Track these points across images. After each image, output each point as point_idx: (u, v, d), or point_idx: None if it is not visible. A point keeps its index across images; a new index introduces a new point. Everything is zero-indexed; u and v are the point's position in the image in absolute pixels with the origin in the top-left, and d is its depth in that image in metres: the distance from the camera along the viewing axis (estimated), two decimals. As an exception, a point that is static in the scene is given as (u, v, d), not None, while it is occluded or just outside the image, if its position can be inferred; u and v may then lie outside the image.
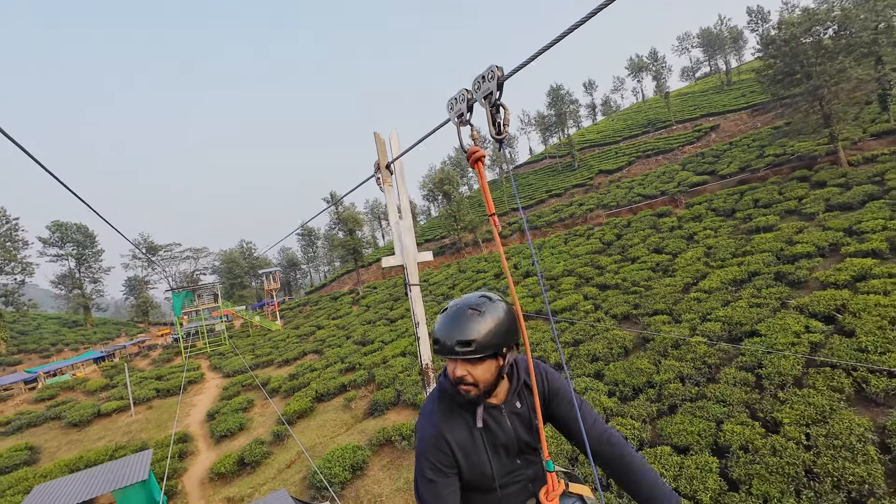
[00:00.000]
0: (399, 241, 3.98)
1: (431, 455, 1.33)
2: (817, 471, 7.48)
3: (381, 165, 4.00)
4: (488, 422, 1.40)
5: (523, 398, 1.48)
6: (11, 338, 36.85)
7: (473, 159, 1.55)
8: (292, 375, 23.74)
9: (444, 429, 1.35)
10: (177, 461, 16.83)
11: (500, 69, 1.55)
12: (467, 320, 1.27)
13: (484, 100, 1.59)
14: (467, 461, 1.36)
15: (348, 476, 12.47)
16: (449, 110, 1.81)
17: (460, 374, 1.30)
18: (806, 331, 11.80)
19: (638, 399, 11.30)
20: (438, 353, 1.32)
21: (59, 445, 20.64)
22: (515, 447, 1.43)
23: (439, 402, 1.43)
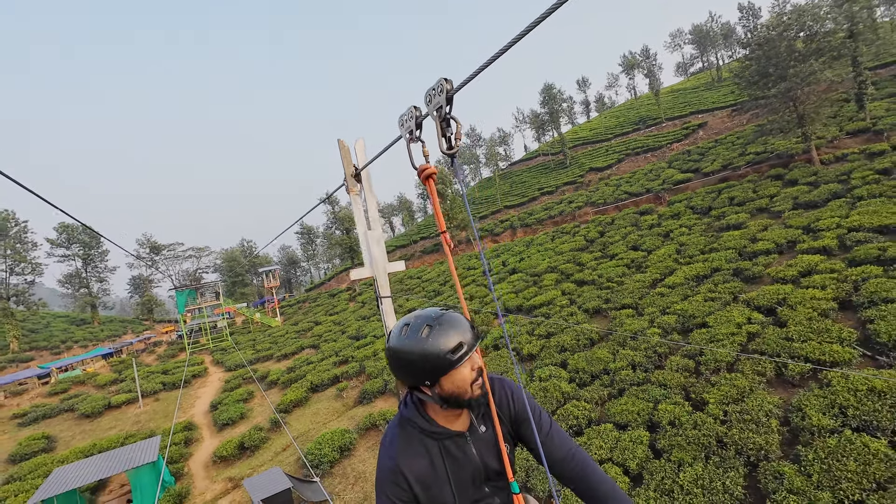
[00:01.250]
0: (368, 252, 3.88)
1: (389, 490, 1.30)
2: (726, 441, 8.77)
3: (346, 174, 3.93)
4: (452, 451, 1.36)
5: (488, 422, 1.42)
6: (23, 335, 38.41)
7: (424, 176, 1.56)
8: (290, 368, 25.15)
9: (401, 462, 1.31)
10: (183, 447, 18.26)
11: (449, 82, 1.52)
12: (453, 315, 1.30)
13: (435, 113, 1.57)
14: (427, 494, 1.32)
15: (337, 456, 13.84)
16: (400, 126, 1.80)
17: (480, 363, 1.31)
18: (747, 322, 13.05)
19: (593, 384, 12.60)
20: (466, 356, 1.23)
21: (73, 435, 22.10)
22: (482, 475, 1.39)
23: (400, 432, 1.38)
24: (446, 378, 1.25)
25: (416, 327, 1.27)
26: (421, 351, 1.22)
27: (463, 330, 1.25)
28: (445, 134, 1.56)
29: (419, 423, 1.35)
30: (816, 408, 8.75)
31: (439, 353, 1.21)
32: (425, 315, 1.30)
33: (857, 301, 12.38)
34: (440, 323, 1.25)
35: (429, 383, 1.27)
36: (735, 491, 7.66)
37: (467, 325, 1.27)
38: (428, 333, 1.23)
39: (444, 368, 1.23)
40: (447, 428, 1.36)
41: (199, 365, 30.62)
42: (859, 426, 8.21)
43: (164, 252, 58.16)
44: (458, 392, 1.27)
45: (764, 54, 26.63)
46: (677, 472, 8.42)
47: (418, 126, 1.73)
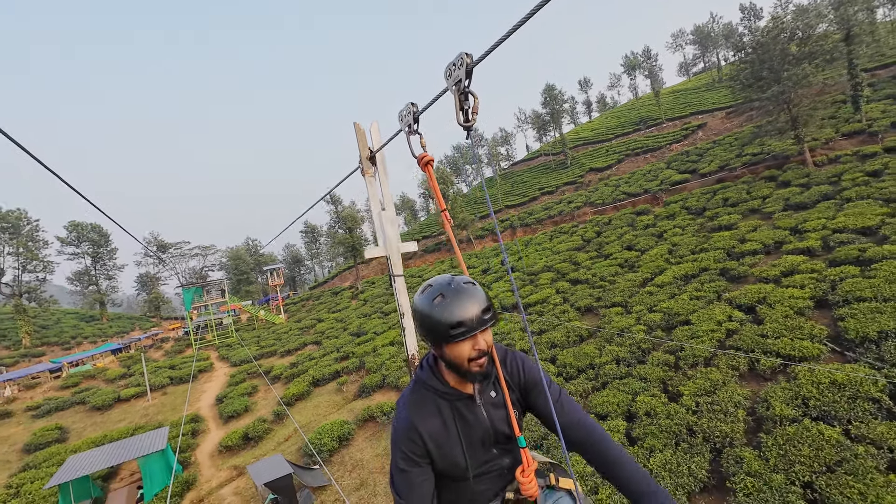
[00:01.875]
0: (382, 231, 3.99)
1: (404, 445, 1.36)
2: (696, 429, 9.38)
3: (362, 157, 4.04)
4: (464, 413, 1.41)
5: (498, 387, 1.47)
6: (35, 331, 39.50)
7: (423, 163, 1.69)
8: (293, 364, 25.92)
9: (416, 420, 1.37)
10: (190, 438, 19.05)
11: (469, 56, 1.56)
12: (477, 292, 1.30)
13: (454, 87, 1.61)
14: (440, 452, 1.38)
15: (336, 445, 14.56)
16: (400, 121, 1.94)
17: (483, 345, 1.31)
18: (728, 320, 13.63)
19: (579, 378, 13.22)
20: (464, 335, 1.25)
21: (85, 426, 22.98)
22: (492, 438, 1.44)
23: (413, 394, 1.44)
24: (447, 347, 1.30)
25: (433, 292, 1.31)
26: (428, 315, 1.28)
27: (471, 309, 1.26)
28: (463, 107, 1.59)
29: (433, 385, 1.42)
30: (781, 399, 9.35)
31: (440, 324, 1.25)
32: (446, 282, 1.32)
33: (832, 300, 12.93)
34: (453, 295, 1.28)
35: (430, 344, 1.35)
36: (699, 474, 8.29)
37: (478, 306, 1.27)
38: (439, 302, 1.27)
39: (443, 338, 1.27)
40: (459, 390, 1.42)
41: (205, 360, 31.49)
42: (818, 416, 8.80)
43: (171, 250, 59.26)
44: (455, 363, 1.32)
45: (758, 58, 27.06)
46: (648, 457, 9.04)
47: (416, 120, 1.89)
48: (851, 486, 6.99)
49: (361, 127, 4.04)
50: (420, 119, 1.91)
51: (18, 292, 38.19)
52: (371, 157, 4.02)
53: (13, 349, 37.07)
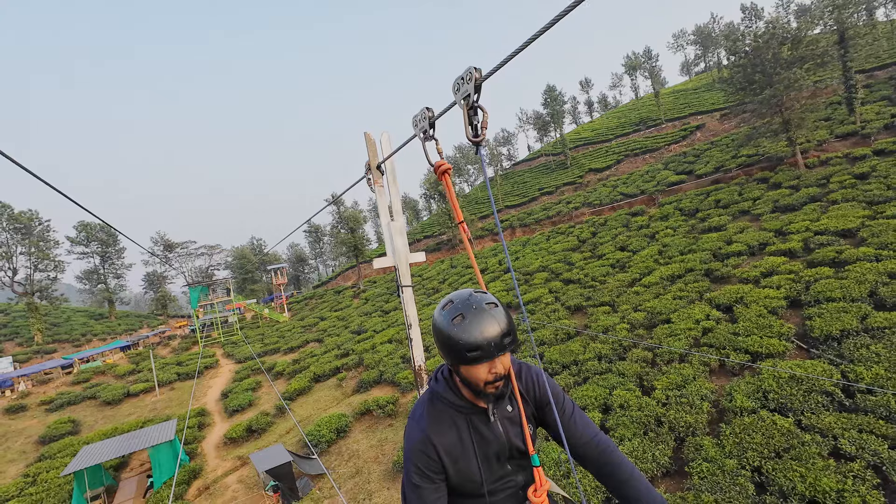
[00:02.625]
0: (391, 242, 3.96)
1: (418, 460, 1.34)
2: (663, 420, 10.09)
3: (371, 166, 4.03)
4: (479, 427, 1.39)
5: (513, 402, 1.45)
6: (46, 329, 40.70)
7: (440, 172, 1.64)
8: (295, 360, 26.80)
9: (432, 434, 1.35)
10: (196, 430, 19.96)
11: (478, 71, 1.52)
12: (498, 314, 1.27)
13: (462, 101, 1.57)
14: (455, 467, 1.36)
15: (334, 437, 15.39)
16: (414, 126, 1.85)
17: (501, 370, 1.29)
18: (706, 318, 14.30)
19: (563, 373, 13.94)
20: (481, 359, 1.22)
21: (96, 420, 23.96)
22: (507, 453, 1.42)
23: (429, 406, 1.42)
24: (463, 367, 1.28)
25: (453, 310, 1.28)
26: (447, 335, 1.26)
27: (490, 332, 1.22)
28: (472, 122, 1.56)
29: (448, 398, 1.39)
30: (743, 392, 10.04)
31: (458, 345, 1.23)
32: (467, 302, 1.29)
33: (804, 300, 13.57)
34: (473, 316, 1.24)
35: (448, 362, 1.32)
36: (662, 460, 9.01)
37: (498, 330, 1.24)
38: (458, 322, 1.25)
39: (460, 360, 1.25)
40: (475, 403, 1.39)
41: (210, 357, 32.45)
42: (776, 408, 9.49)
43: (178, 249, 60.39)
44: (471, 383, 1.31)
45: (750, 62, 27.55)
46: (618, 445, 9.76)
47: (431, 125, 1.80)
48: (795, 469, 7.69)
49: (372, 137, 4.03)
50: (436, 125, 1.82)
51: (30, 291, 39.37)
52: (380, 167, 4.02)
53: (26, 346, 38.24)
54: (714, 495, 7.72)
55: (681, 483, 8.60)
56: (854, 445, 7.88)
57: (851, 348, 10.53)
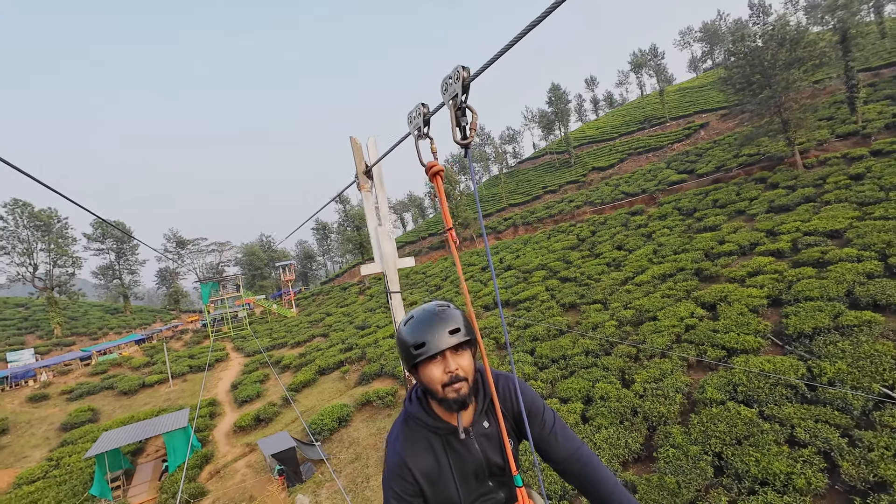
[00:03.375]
0: (378, 247, 3.92)
1: (395, 485, 1.34)
2: (639, 410, 10.80)
3: (358, 171, 4.00)
4: (455, 446, 1.38)
5: (491, 418, 1.42)
6: (65, 322, 42.28)
7: (432, 173, 1.56)
8: (301, 354, 27.83)
9: (407, 458, 1.34)
10: (208, 419, 21.04)
11: (466, 70, 1.48)
12: (444, 313, 1.29)
13: (450, 102, 1.53)
14: (433, 489, 1.35)
15: (336, 426, 16.31)
16: (409, 124, 1.79)
17: (454, 367, 1.27)
18: (690, 316, 14.91)
19: (551, 367, 14.69)
20: (423, 355, 1.24)
21: (114, 409, 25.21)
22: (485, 471, 1.40)
23: (405, 428, 1.41)
24: (420, 371, 1.29)
25: (408, 316, 1.32)
26: (400, 337, 1.30)
27: (437, 329, 1.24)
28: (460, 123, 1.52)
29: (422, 418, 1.38)
30: (714, 385, 10.71)
31: (407, 344, 1.26)
32: (422, 307, 1.33)
33: (785, 299, 14.13)
34: (420, 316, 1.28)
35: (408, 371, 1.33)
36: (634, 446, 9.74)
37: (446, 326, 1.25)
38: (409, 323, 1.29)
39: (409, 360, 1.27)
40: (449, 423, 1.37)
41: (221, 351, 33.66)
42: (743, 400, 10.15)
43: (189, 246, 61.95)
44: (429, 388, 1.30)
45: (747, 63, 27.84)
46: (595, 433, 10.50)
47: (426, 123, 1.73)
48: (751, 455, 8.38)
49: (358, 141, 4.04)
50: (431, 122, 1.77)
51: (50, 286, 40.97)
52: (367, 172, 4.01)
53: (46, 339, 39.81)
54: (676, 477, 8.44)
55: (648, 467, 9.32)
56: (808, 433, 8.53)
57: (821, 345, 11.11)
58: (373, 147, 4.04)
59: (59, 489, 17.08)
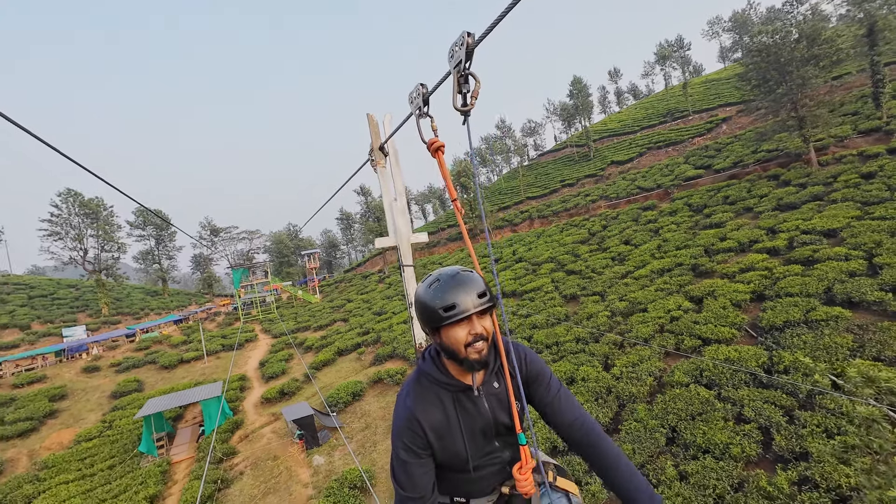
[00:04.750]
0: (392, 222, 4.00)
1: (405, 436, 1.37)
2: (613, 390, 12.06)
3: (374, 147, 4.02)
4: (465, 404, 1.42)
5: (500, 379, 1.47)
6: (111, 303, 46.06)
7: (433, 149, 1.61)
8: (323, 337, 29.96)
9: (417, 411, 1.38)
10: (238, 392, 23.35)
11: (470, 36, 1.48)
12: (472, 277, 1.33)
13: (454, 69, 1.54)
14: (441, 443, 1.39)
15: (350, 399, 18.15)
16: (410, 104, 1.83)
17: (480, 329, 1.30)
18: (677, 309, 15.90)
19: (544, 353, 16.01)
20: (457, 316, 1.27)
21: (156, 381, 27.98)
22: (493, 429, 1.45)
23: (416, 385, 1.45)
24: (443, 332, 1.33)
25: (430, 279, 1.37)
26: (423, 301, 1.33)
27: (465, 292, 1.28)
28: (462, 90, 1.53)
29: (434, 375, 1.43)
30: (683, 370, 11.86)
31: (434, 307, 1.29)
32: (443, 270, 1.37)
33: (768, 294, 14.96)
34: (447, 280, 1.32)
35: (429, 332, 1.38)
36: (603, 421, 11.05)
37: (474, 290, 1.30)
38: (435, 286, 1.32)
39: (436, 321, 1.30)
40: (460, 381, 1.42)
41: (250, 332, 36.32)
42: (706, 383, 11.28)
43: (222, 234, 65.50)
44: (452, 349, 1.33)
45: (762, 59, 27.83)
46: (572, 408, 11.83)
47: (426, 102, 1.77)
48: (700, 428, 9.58)
49: (375, 119, 4.06)
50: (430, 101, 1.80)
51: (98, 268, 44.68)
52: (382, 148, 4.04)
53: (95, 317, 43.54)
54: (633, 445, 9.74)
55: (612, 437, 10.61)
56: (755, 412, 9.65)
57: (788, 337, 12.05)
58: (388, 124, 4.09)
59: (112, 446, 19.67)
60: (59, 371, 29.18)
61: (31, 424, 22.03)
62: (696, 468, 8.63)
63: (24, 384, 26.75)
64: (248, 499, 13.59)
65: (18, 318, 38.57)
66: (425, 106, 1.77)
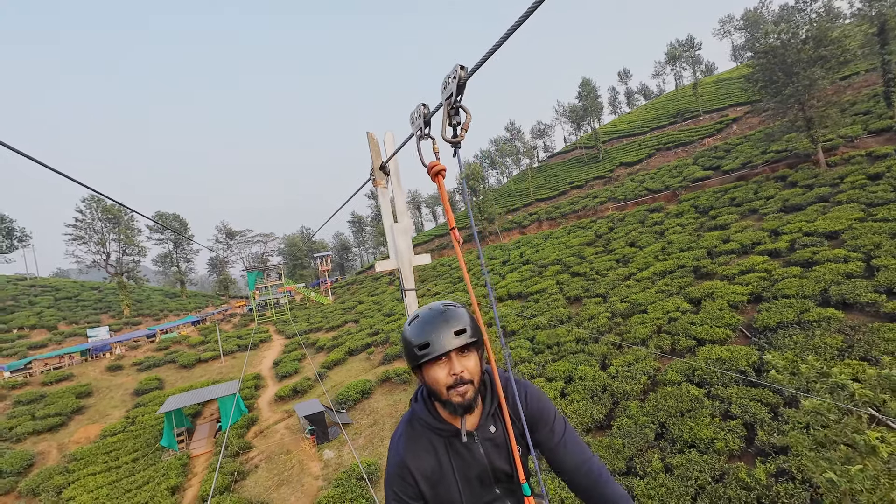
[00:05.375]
0: (393, 244, 3.93)
1: (396, 486, 1.33)
2: (608, 388, 12.55)
3: (374, 167, 4.01)
4: (459, 449, 1.36)
5: (498, 422, 1.40)
6: (133, 304, 47.77)
7: (434, 173, 1.56)
8: (335, 337, 30.83)
9: (408, 458, 1.33)
10: (253, 390, 24.31)
11: (463, 69, 1.47)
12: (451, 313, 1.27)
13: (445, 101, 1.53)
14: (434, 492, 1.34)
15: (359, 397, 18.89)
16: (411, 124, 1.81)
17: (459, 369, 1.25)
18: (675, 310, 16.28)
19: (545, 352, 16.52)
20: (428, 356, 1.22)
21: (175, 379, 29.16)
22: (490, 476, 1.38)
23: (408, 428, 1.40)
24: (424, 372, 1.28)
25: (413, 315, 1.32)
26: (404, 337, 1.29)
27: (442, 330, 1.23)
28: (452, 122, 1.51)
29: (425, 419, 1.37)
30: (676, 369, 12.29)
31: (410, 344, 1.25)
32: (428, 306, 1.32)
33: (765, 296, 15.25)
34: (426, 317, 1.27)
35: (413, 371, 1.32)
36: (598, 417, 11.55)
37: (452, 326, 1.24)
38: (413, 323, 1.28)
39: (413, 360, 1.25)
40: (452, 425, 1.35)
41: (265, 333, 37.44)
42: (698, 382, 11.71)
43: (237, 237, 67.20)
44: (433, 389, 1.29)
45: (769, 61, 27.89)
46: (569, 405, 12.36)
47: (427, 123, 1.74)
48: (687, 424, 10.05)
49: (375, 137, 4.03)
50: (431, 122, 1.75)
51: (120, 271, 46.41)
52: (383, 167, 3.99)
53: (117, 318, 45.26)
54: (623, 440, 10.24)
55: (605, 432, 11.13)
56: (741, 409, 10.07)
57: (780, 337, 12.40)
58: (389, 142, 4.02)
59: (136, 440, 20.73)
60: (84, 370, 30.58)
61: (59, 420, 23.28)
62: (680, 461, 9.11)
63: (53, 382, 28.14)
64: (263, 490, 14.40)
65: (46, 319, 40.35)
66: (426, 127, 1.74)
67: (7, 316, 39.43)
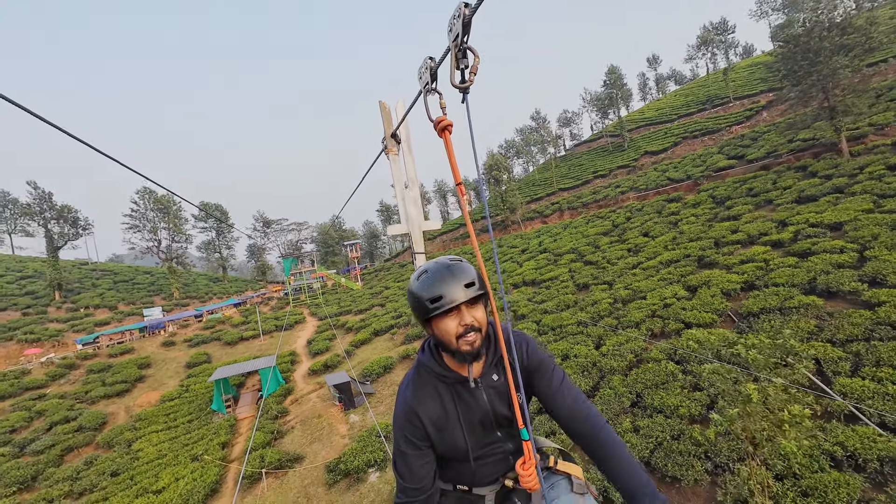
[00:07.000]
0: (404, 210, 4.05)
1: (404, 429, 1.40)
2: (598, 364, 14.02)
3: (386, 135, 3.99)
4: (463, 396, 1.44)
5: (500, 371, 1.47)
6: (181, 287, 52.10)
7: (440, 128, 1.54)
8: (362, 319, 33.26)
9: (416, 404, 1.41)
10: (289, 365, 27.01)
11: (467, 6, 1.38)
12: (458, 267, 1.33)
13: (452, 44, 1.46)
14: (440, 435, 1.42)
15: (381, 371, 21.06)
16: (418, 80, 1.74)
17: (470, 320, 1.31)
18: (672, 297, 17.39)
19: (548, 333, 18.05)
20: (440, 308, 1.28)
21: (221, 355, 32.40)
22: (493, 421, 1.45)
23: (415, 377, 1.47)
24: (434, 324, 1.35)
25: (419, 270, 1.36)
26: (412, 292, 1.34)
27: (452, 282, 1.28)
28: (459, 66, 1.45)
29: (432, 367, 1.44)
30: (660, 349, 13.61)
31: (422, 299, 1.30)
32: (434, 261, 1.37)
33: (758, 284, 16.16)
34: (435, 271, 1.32)
35: (421, 324, 1.38)
36: (585, 388, 13.08)
37: (461, 280, 1.30)
38: (422, 278, 1.33)
39: (425, 313, 1.31)
40: (458, 373, 1.43)
41: (299, 315, 40.47)
42: (678, 360, 13.02)
43: (274, 225, 71.11)
44: (443, 340, 1.35)
45: (790, 51, 27.67)
46: (560, 379, 13.92)
47: (433, 77, 1.67)
48: (660, 394, 11.47)
49: (387, 105, 4.03)
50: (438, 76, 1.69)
51: (170, 257, 50.67)
52: (394, 135, 3.98)
53: (168, 300, 49.61)
54: (603, 406, 11.77)
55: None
56: (707, 382, 11.37)
57: (760, 322, 13.48)
58: (401, 110, 4.00)
59: (190, 405, 23.73)
60: (143, 345, 34.35)
61: (125, 387, 26.74)
62: (647, 423, 10.60)
63: (117, 354, 31.91)
64: (298, 445, 16.78)
65: (107, 300, 44.88)
66: (433, 81, 1.68)
67: (75, 297, 44.13)
